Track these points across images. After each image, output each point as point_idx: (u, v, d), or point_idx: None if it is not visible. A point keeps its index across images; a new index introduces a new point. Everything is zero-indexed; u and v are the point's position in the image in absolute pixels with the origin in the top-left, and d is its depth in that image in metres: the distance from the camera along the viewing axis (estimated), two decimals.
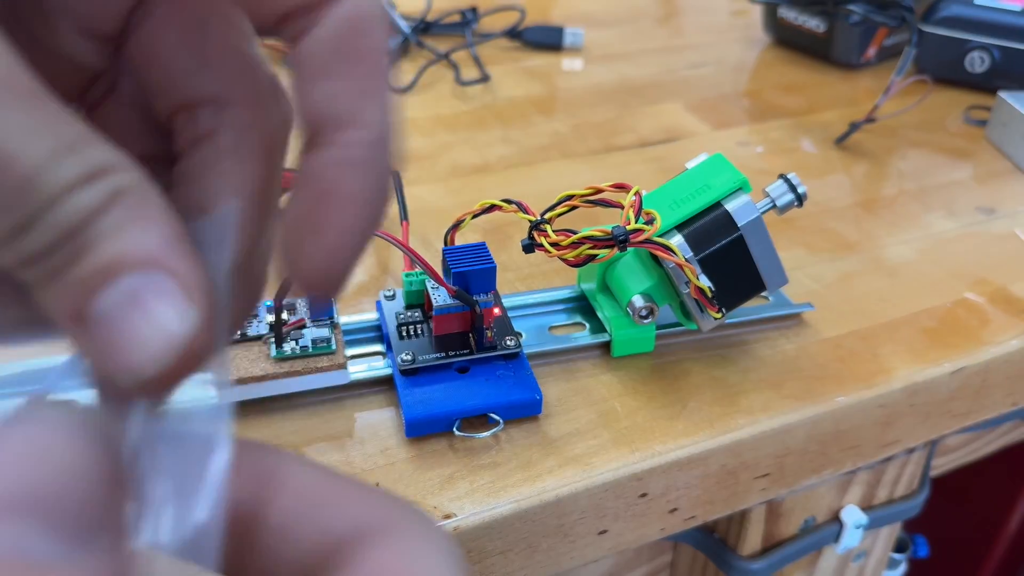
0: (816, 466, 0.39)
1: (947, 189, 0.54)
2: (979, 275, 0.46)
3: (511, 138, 0.58)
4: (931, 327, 0.42)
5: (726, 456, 0.35)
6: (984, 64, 0.65)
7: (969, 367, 0.40)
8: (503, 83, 0.66)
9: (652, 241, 0.34)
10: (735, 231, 0.36)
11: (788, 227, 0.48)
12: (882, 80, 0.61)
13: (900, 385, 0.38)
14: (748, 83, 0.69)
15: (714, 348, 0.39)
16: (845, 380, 0.38)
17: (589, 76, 0.69)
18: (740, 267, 0.36)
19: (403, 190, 0.45)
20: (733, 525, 0.44)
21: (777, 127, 0.61)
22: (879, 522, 0.48)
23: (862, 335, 0.41)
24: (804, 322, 0.41)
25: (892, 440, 0.40)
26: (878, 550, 0.52)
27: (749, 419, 0.36)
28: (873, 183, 0.55)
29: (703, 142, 0.59)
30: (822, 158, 0.57)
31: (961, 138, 0.61)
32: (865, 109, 0.59)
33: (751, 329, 0.41)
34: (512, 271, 0.44)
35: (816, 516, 0.46)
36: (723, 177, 0.36)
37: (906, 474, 0.48)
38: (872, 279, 0.45)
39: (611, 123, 0.61)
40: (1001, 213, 0.52)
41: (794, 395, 0.37)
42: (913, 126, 0.62)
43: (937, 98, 0.65)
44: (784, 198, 0.37)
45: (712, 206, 0.36)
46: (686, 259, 0.34)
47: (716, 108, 0.64)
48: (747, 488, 0.37)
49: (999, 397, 0.43)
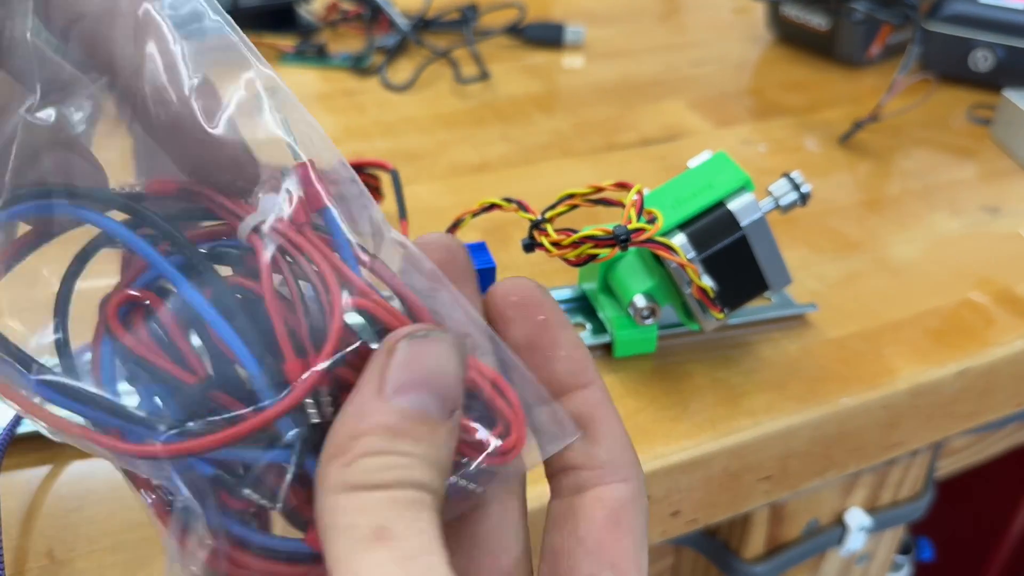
0: (819, 468, 0.38)
1: (951, 188, 0.54)
2: (983, 275, 0.45)
3: (511, 136, 0.57)
4: (935, 327, 0.41)
5: (728, 458, 0.35)
6: (988, 62, 0.65)
7: (974, 368, 0.40)
8: (503, 81, 0.65)
9: (654, 240, 0.33)
10: (738, 230, 0.35)
11: (791, 226, 0.48)
12: (886, 78, 0.61)
13: (904, 386, 0.38)
14: (751, 81, 0.69)
15: (717, 349, 0.39)
16: (849, 381, 0.38)
17: (590, 74, 0.68)
18: (743, 267, 0.36)
19: (402, 189, 0.44)
20: (736, 528, 0.44)
21: (780, 125, 0.61)
22: (883, 524, 0.47)
23: (866, 336, 0.40)
24: (807, 322, 0.41)
25: (896, 442, 0.40)
26: (882, 553, 0.52)
27: (752, 421, 0.35)
28: (877, 182, 0.55)
29: (705, 140, 0.58)
30: (825, 157, 0.57)
31: (965, 137, 0.60)
32: (869, 107, 0.58)
33: (754, 330, 0.40)
34: (512, 271, 0.43)
35: (819, 519, 0.45)
36: (726, 176, 0.36)
37: (910, 476, 0.47)
38: (876, 279, 0.45)
39: (612, 121, 0.60)
40: (1006, 212, 0.51)
41: (797, 396, 0.37)
42: (917, 124, 0.61)
43: (941, 96, 0.65)
44: (787, 197, 0.36)
45: (715, 205, 0.35)
46: (688, 259, 0.34)
47: (719, 106, 0.63)
48: (750, 490, 0.37)
49: (1004, 398, 0.42)
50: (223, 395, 0.19)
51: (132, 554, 0.30)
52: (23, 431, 0.32)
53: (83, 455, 0.33)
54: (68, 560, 0.29)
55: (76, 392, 0.18)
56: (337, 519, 0.17)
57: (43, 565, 0.29)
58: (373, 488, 0.17)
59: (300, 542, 0.19)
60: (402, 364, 0.18)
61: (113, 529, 0.30)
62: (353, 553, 0.16)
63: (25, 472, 0.32)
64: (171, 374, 0.19)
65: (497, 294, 0.23)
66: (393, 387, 0.18)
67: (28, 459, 0.33)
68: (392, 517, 0.17)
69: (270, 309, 0.19)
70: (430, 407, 0.18)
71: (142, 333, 0.19)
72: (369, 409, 0.18)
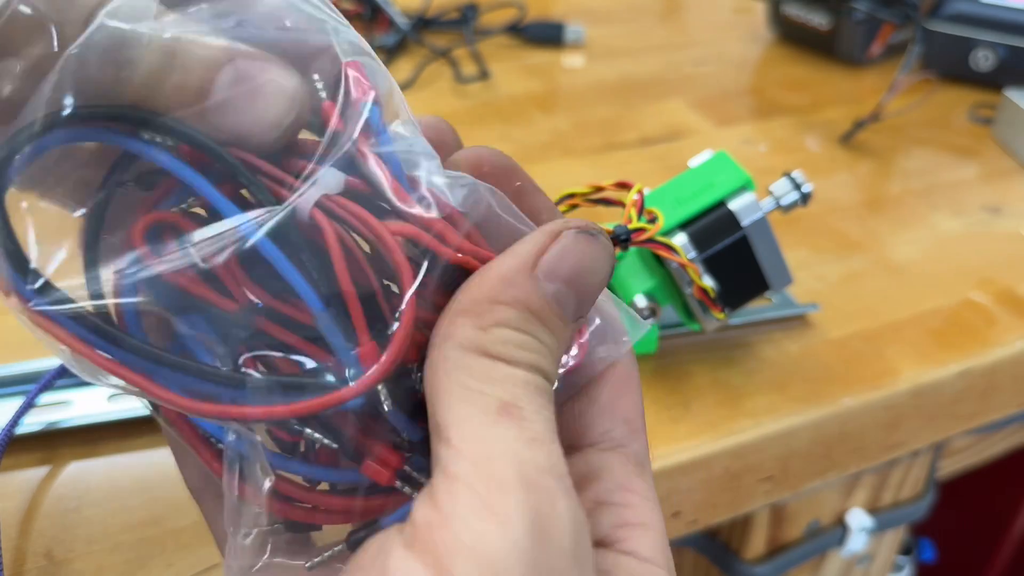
0: (821, 469, 0.38)
1: (952, 188, 0.54)
2: (985, 275, 0.45)
3: (511, 136, 0.57)
4: (937, 328, 0.41)
5: (729, 459, 0.35)
6: (990, 62, 0.65)
7: (975, 368, 0.39)
8: (503, 80, 0.65)
9: (655, 240, 0.33)
10: (739, 230, 0.35)
11: (792, 226, 0.48)
12: (887, 77, 0.61)
13: (906, 387, 0.38)
14: (752, 80, 0.69)
15: (717, 349, 0.39)
16: (850, 381, 0.37)
17: (590, 73, 0.68)
18: (744, 267, 0.36)
19: None
20: (736, 529, 0.44)
21: (781, 125, 0.61)
22: (884, 525, 0.47)
23: (867, 336, 0.40)
24: (809, 323, 0.41)
25: (897, 442, 0.40)
26: (883, 553, 0.52)
27: (753, 421, 0.35)
28: (878, 182, 0.55)
29: (706, 140, 0.58)
30: (826, 156, 0.57)
31: (967, 136, 0.60)
32: (870, 107, 0.58)
33: (755, 330, 0.40)
34: None
35: (820, 519, 0.45)
36: (727, 176, 0.35)
37: (911, 477, 0.47)
38: (877, 279, 0.45)
39: (613, 121, 0.60)
40: (1007, 212, 0.51)
41: (798, 397, 0.37)
42: (918, 124, 0.61)
43: (942, 96, 0.64)
44: (788, 197, 0.36)
45: (716, 205, 0.35)
46: (689, 259, 0.34)
47: (719, 105, 0.63)
48: (751, 491, 0.37)
49: (1005, 398, 0.42)
50: (270, 323, 0.18)
51: (131, 554, 0.29)
52: (22, 431, 0.32)
53: (82, 455, 0.33)
54: (66, 560, 0.29)
55: (161, 358, 0.18)
56: (464, 380, 0.16)
57: (42, 566, 0.29)
58: (508, 362, 0.17)
59: (357, 473, 0.19)
60: (563, 252, 0.18)
61: (112, 530, 0.30)
62: (478, 420, 0.16)
63: (24, 472, 0.32)
64: (210, 301, 0.18)
65: (466, 162, 0.22)
66: (546, 270, 0.18)
67: (26, 459, 0.32)
68: (522, 396, 0.16)
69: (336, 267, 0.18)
70: (570, 305, 0.18)
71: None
72: (516, 280, 0.18)
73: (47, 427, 0.33)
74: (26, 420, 0.32)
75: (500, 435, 0.16)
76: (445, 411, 0.16)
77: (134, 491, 0.32)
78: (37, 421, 0.33)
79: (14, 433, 0.32)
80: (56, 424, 0.33)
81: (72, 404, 0.34)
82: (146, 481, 0.32)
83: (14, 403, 0.32)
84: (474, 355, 0.17)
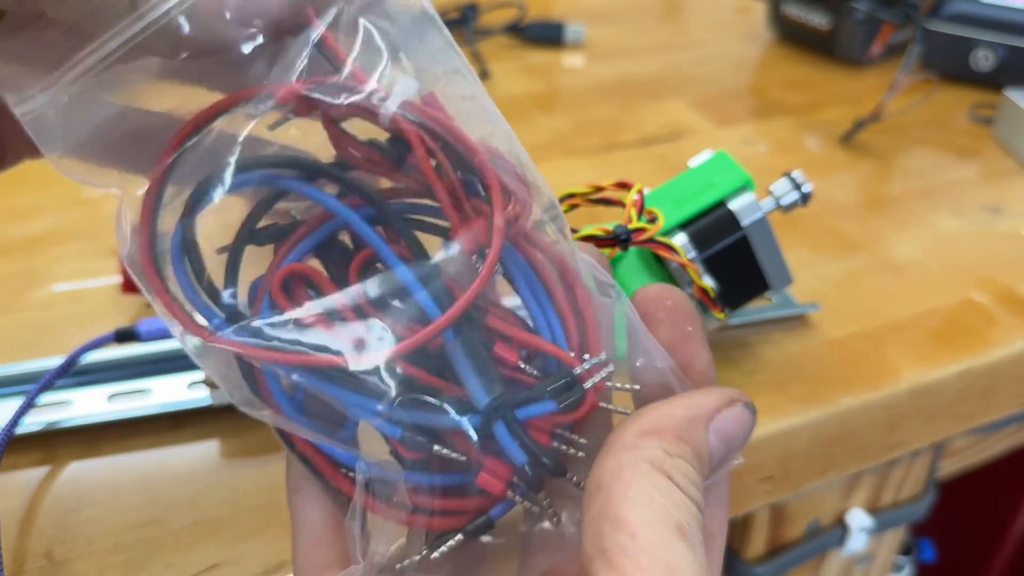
0: (821, 469, 0.38)
1: (953, 188, 0.54)
2: (985, 275, 0.45)
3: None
4: (937, 328, 0.41)
5: None
6: (990, 62, 0.65)
7: (975, 368, 0.39)
8: (503, 80, 0.65)
9: (655, 240, 0.33)
10: (739, 230, 0.35)
11: (792, 226, 0.48)
12: (887, 77, 0.61)
13: (906, 386, 0.38)
14: (752, 80, 0.69)
15: (718, 349, 0.39)
16: (850, 381, 0.37)
17: (591, 73, 0.68)
18: (744, 267, 0.36)
19: None
20: (736, 529, 0.44)
21: (781, 125, 0.61)
22: (884, 525, 0.47)
23: (867, 336, 0.40)
24: (809, 323, 0.41)
25: (898, 442, 0.40)
26: (883, 553, 0.52)
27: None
28: (878, 182, 0.55)
29: (706, 140, 0.58)
30: (827, 156, 0.57)
31: (967, 136, 0.60)
32: (870, 107, 0.58)
33: (755, 330, 0.40)
34: None
35: (820, 519, 0.45)
36: (727, 175, 0.35)
37: (911, 476, 0.47)
38: (877, 279, 0.45)
39: (613, 120, 0.60)
40: (1007, 212, 0.51)
41: (798, 397, 0.37)
42: (918, 124, 0.61)
43: (943, 96, 0.64)
44: (788, 197, 0.36)
45: (716, 205, 0.35)
46: (689, 259, 0.34)
47: (719, 105, 0.63)
48: (751, 491, 0.37)
49: (1005, 398, 0.42)
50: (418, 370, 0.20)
51: (131, 555, 0.29)
52: (22, 431, 0.32)
53: (82, 455, 0.33)
54: (67, 561, 0.29)
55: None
56: (649, 489, 0.19)
57: (42, 566, 0.29)
58: (683, 492, 0.19)
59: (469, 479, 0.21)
60: (734, 419, 0.22)
61: (112, 530, 0.30)
62: (663, 529, 0.18)
63: (24, 472, 0.32)
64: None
65: (651, 294, 0.25)
66: (716, 428, 0.21)
67: (26, 459, 0.32)
68: (693, 526, 0.19)
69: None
70: (717, 460, 0.21)
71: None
72: (696, 427, 0.21)
73: (47, 427, 0.33)
74: (26, 420, 0.32)
75: (682, 552, 0.18)
76: (629, 508, 0.18)
77: (134, 491, 0.32)
78: (37, 421, 0.33)
79: (14, 433, 0.32)
80: (56, 424, 0.33)
81: (72, 404, 0.34)
82: (146, 481, 0.32)
83: (14, 403, 0.32)
84: (659, 474, 0.19)
